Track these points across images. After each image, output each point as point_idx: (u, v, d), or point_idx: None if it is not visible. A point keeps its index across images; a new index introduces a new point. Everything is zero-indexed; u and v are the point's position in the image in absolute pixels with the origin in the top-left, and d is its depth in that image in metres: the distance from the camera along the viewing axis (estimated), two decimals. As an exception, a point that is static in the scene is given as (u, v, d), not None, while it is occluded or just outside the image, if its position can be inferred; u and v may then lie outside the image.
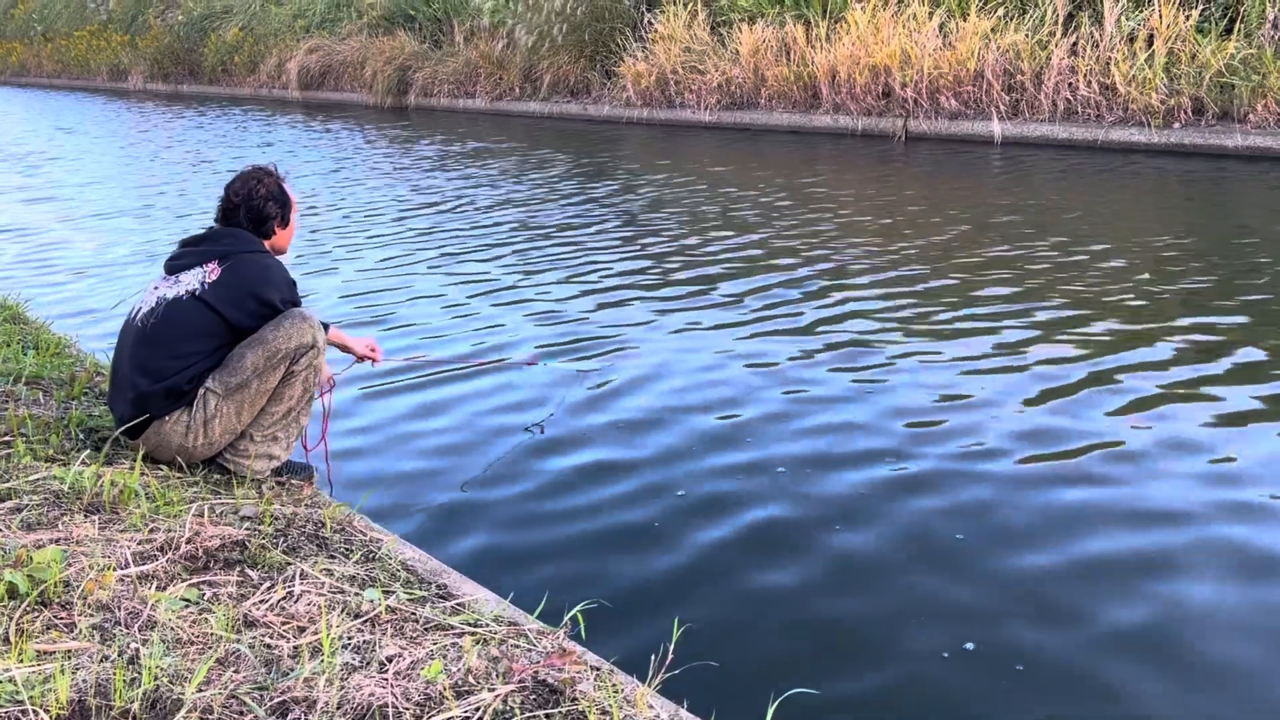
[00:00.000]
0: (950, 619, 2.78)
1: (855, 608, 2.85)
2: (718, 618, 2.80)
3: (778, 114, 12.54)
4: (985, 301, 5.44)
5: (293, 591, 2.40)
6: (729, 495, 3.48)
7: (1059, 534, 3.17)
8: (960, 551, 3.10)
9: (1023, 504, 3.35)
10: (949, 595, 2.89)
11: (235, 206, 3.30)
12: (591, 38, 14.83)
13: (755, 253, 6.77)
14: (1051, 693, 2.48)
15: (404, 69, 17.79)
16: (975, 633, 2.71)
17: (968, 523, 3.25)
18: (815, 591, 2.92)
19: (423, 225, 8.16)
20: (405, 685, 2.00)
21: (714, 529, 3.28)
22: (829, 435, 3.91)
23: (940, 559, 3.07)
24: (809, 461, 3.70)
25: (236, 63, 22.20)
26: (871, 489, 3.48)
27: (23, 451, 3.05)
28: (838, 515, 3.32)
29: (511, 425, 4.11)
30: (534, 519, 3.39)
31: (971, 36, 10.67)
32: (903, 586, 2.94)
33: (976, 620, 2.77)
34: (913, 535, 3.20)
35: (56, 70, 29.78)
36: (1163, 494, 3.38)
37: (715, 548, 3.17)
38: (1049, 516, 3.27)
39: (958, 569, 3.01)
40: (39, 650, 2.01)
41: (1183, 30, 9.54)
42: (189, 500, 2.90)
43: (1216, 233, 6.80)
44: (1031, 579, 2.95)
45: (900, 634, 2.72)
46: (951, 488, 3.47)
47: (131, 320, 3.21)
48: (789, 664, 2.60)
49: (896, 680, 2.55)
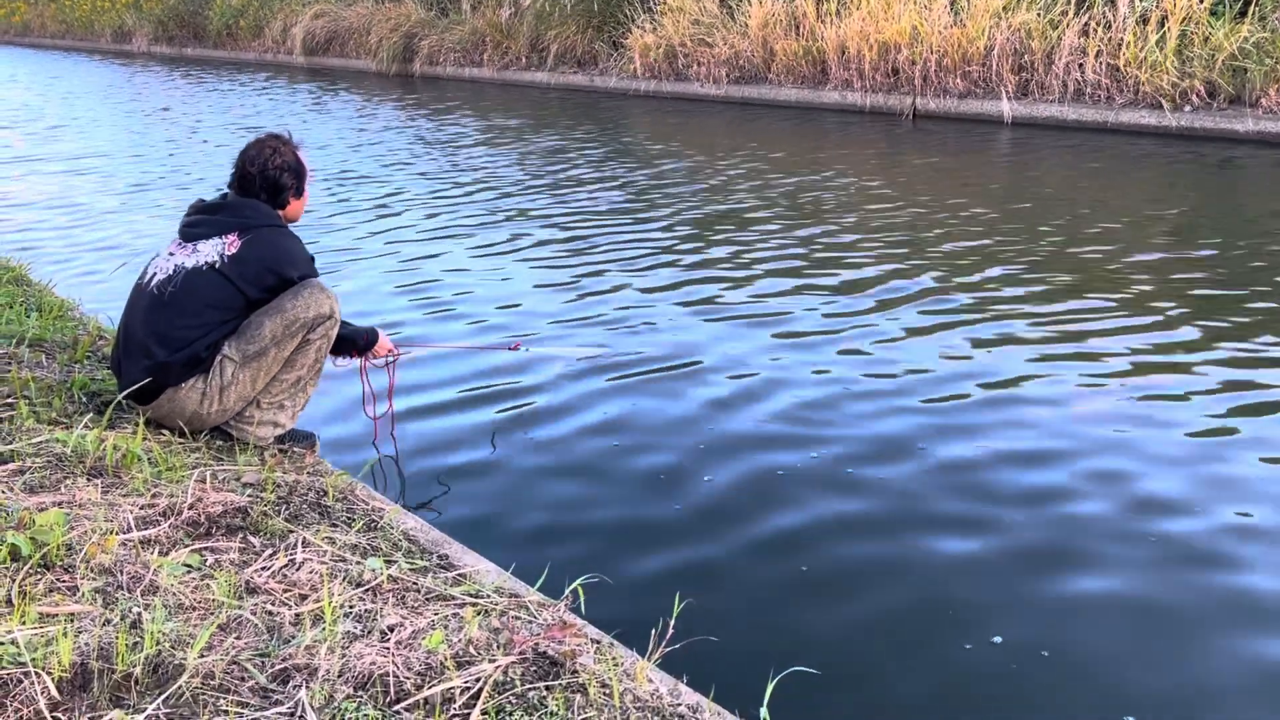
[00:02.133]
0: (958, 606, 2.78)
1: (859, 587, 2.86)
2: (719, 594, 2.80)
3: (786, 89, 12.45)
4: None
5: (295, 559, 2.40)
6: (732, 472, 3.48)
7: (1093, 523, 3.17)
8: (976, 537, 3.10)
9: (1034, 489, 3.35)
10: (956, 580, 2.89)
11: (251, 176, 3.27)
12: (599, 8, 14.71)
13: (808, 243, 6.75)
14: (1070, 687, 2.49)
15: (410, 36, 17.65)
16: (987, 623, 2.71)
17: (981, 505, 3.25)
18: (818, 569, 2.93)
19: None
20: (406, 655, 2.00)
21: (716, 505, 3.28)
22: (833, 409, 3.91)
23: (952, 545, 3.07)
24: (813, 439, 3.70)
25: (242, 27, 22.03)
26: (877, 466, 3.48)
27: (26, 414, 3.04)
28: (842, 492, 3.32)
29: (516, 399, 4.11)
30: (536, 492, 3.40)
31: (982, 15, 10.58)
32: (912, 568, 2.95)
33: (985, 609, 2.78)
34: (924, 516, 3.20)
35: (60, 31, 29.56)
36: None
37: (717, 524, 3.17)
38: (1077, 504, 3.27)
39: (971, 556, 3.02)
40: (41, 613, 2.02)
41: (1196, 12, 9.46)
42: (191, 466, 2.90)
43: (1227, 216, 6.77)
44: (1027, 559, 2.95)
45: (906, 615, 2.73)
46: (965, 470, 3.46)
47: (145, 285, 3.18)
48: (789, 641, 2.61)
49: (897, 660, 2.56)
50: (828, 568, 2.94)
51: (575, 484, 3.44)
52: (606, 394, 4.13)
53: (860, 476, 3.43)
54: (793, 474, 3.46)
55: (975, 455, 3.55)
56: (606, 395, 4.11)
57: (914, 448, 3.61)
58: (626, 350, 4.57)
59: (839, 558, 2.99)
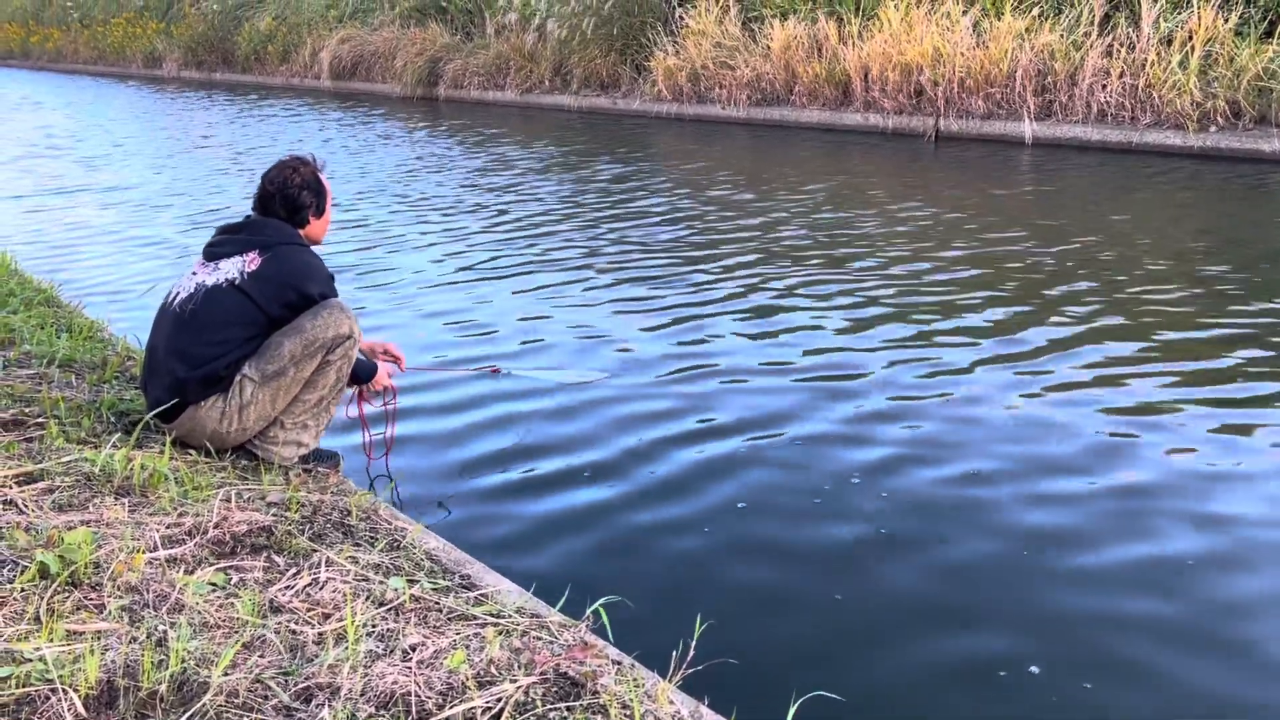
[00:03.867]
0: (976, 625, 2.76)
1: (881, 608, 2.84)
2: (741, 615, 2.79)
3: (808, 111, 12.48)
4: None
5: (318, 578, 2.42)
6: (754, 493, 3.47)
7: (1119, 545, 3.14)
8: (999, 556, 3.08)
9: (1082, 517, 3.32)
10: (978, 600, 2.87)
11: (270, 195, 3.33)
12: (622, 32, 14.82)
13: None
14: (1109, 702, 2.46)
15: (435, 60, 17.83)
16: (997, 642, 2.69)
17: (1010, 529, 3.23)
18: (840, 591, 2.91)
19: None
20: (428, 674, 2.01)
21: (738, 525, 3.27)
22: (852, 427, 3.89)
23: (979, 563, 3.05)
24: (835, 461, 3.69)
25: (270, 52, 22.33)
26: (900, 488, 3.46)
27: (55, 433, 3.08)
28: (865, 514, 3.31)
29: (535, 420, 4.12)
30: (558, 513, 3.40)
31: (1005, 36, 10.57)
32: (937, 589, 2.93)
33: (1000, 627, 2.75)
34: (949, 538, 3.18)
35: (93, 57, 30.06)
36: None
37: (738, 544, 3.17)
38: (1113, 527, 3.24)
39: (996, 575, 2.99)
40: (69, 630, 2.04)
41: (1221, 33, 9.42)
42: (217, 485, 2.93)
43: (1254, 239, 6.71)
44: (1075, 592, 2.92)
45: (928, 637, 2.71)
46: (995, 492, 3.44)
47: (169, 305, 3.24)
48: (812, 663, 2.60)
49: (920, 682, 2.54)
50: (858, 594, 2.92)
51: (597, 504, 3.44)
52: (626, 419, 4.13)
53: (886, 508, 3.41)
54: (822, 495, 3.45)
55: (1026, 494, 3.53)
56: (627, 419, 4.12)
57: (963, 479, 3.59)
58: (637, 375, 4.57)
59: (865, 581, 2.97)
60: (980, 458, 3.66)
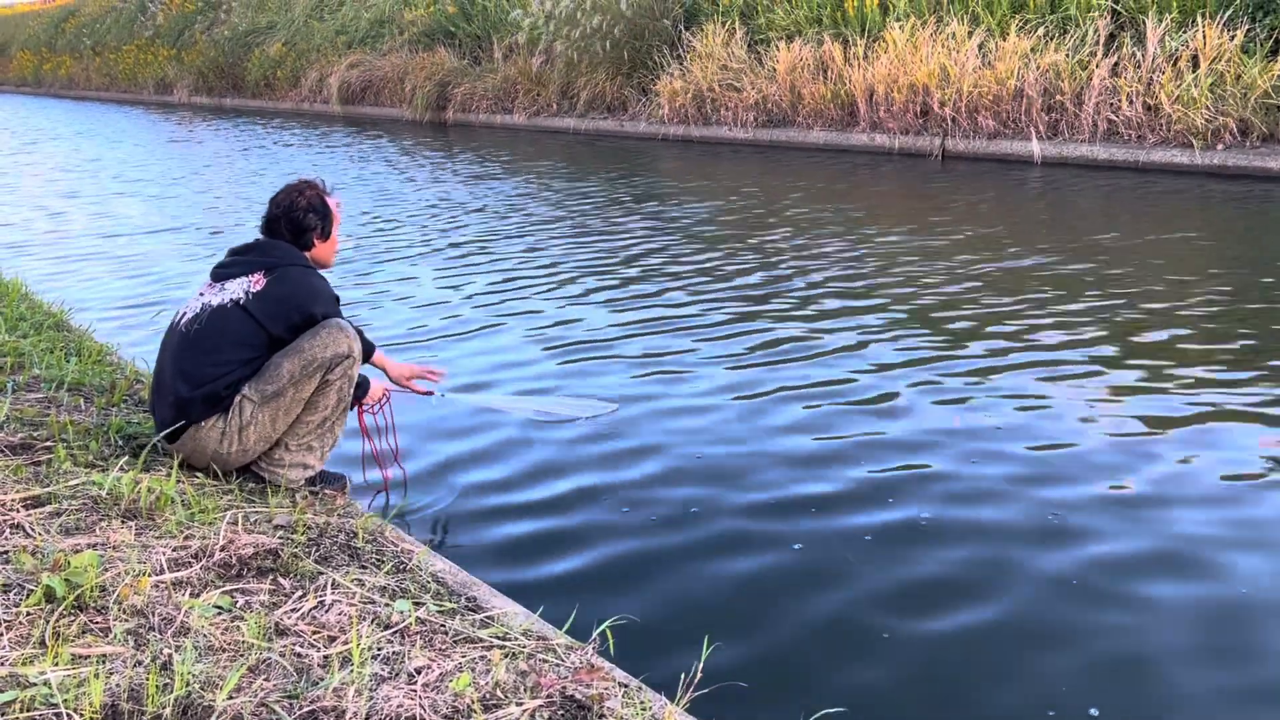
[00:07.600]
0: (992, 646, 2.74)
1: (891, 630, 2.82)
2: (748, 638, 2.77)
3: (814, 132, 12.51)
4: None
5: (324, 601, 2.41)
6: (763, 516, 3.46)
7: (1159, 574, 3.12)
8: (1014, 577, 3.06)
9: (1098, 539, 3.30)
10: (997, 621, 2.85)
11: (276, 217, 3.35)
12: (629, 55, 14.91)
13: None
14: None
15: (443, 85, 17.96)
16: (1008, 653, 2.67)
17: (1014, 548, 3.21)
18: (849, 613, 2.89)
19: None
20: (434, 697, 2.00)
21: (747, 548, 3.26)
22: (857, 459, 3.88)
23: (994, 584, 3.03)
24: (851, 481, 3.67)
25: (279, 77, 22.52)
26: (911, 510, 3.44)
27: (63, 457, 3.09)
28: (873, 536, 3.29)
29: (541, 442, 4.11)
30: (564, 534, 3.39)
31: (1011, 56, 10.60)
32: (956, 622, 2.90)
33: (1013, 641, 2.73)
34: (962, 562, 3.16)
35: (104, 84, 30.36)
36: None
37: (747, 567, 3.15)
38: (1136, 553, 3.22)
39: (1011, 595, 2.97)
40: (74, 654, 2.04)
41: (1228, 51, 9.43)
42: (224, 508, 2.92)
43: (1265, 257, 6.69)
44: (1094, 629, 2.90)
45: (944, 662, 2.69)
46: (1007, 516, 3.42)
47: (176, 325, 3.26)
48: (819, 686, 2.57)
49: (934, 704, 2.51)
50: (862, 612, 2.90)
51: (604, 526, 3.43)
52: (637, 438, 4.12)
53: (904, 529, 3.39)
54: (832, 525, 3.43)
55: (1035, 515, 3.51)
56: (637, 439, 4.11)
57: (974, 500, 3.57)
58: (658, 395, 4.56)
59: (875, 604, 2.95)
60: (996, 469, 3.64)
